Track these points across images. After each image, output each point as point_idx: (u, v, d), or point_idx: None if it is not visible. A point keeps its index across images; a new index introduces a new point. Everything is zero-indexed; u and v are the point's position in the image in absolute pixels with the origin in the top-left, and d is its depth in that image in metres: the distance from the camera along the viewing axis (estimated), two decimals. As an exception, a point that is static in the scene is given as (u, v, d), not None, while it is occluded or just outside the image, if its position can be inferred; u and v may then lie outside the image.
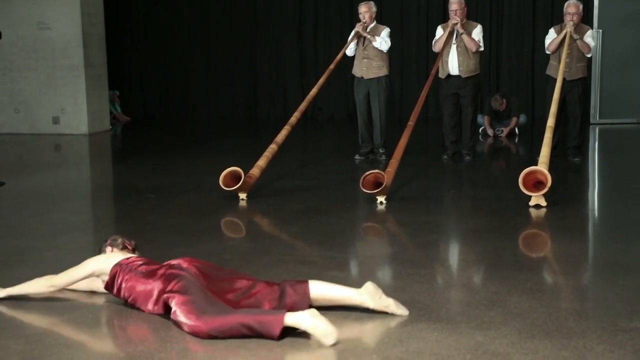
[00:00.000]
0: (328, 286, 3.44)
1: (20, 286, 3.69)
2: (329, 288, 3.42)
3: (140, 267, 3.51)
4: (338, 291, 3.41)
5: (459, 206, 6.28)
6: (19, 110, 11.20)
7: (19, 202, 6.47)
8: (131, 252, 3.80)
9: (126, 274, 3.48)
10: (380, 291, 3.41)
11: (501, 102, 10.35)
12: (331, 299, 3.38)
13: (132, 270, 3.49)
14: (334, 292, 3.40)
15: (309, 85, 11.95)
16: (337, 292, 3.41)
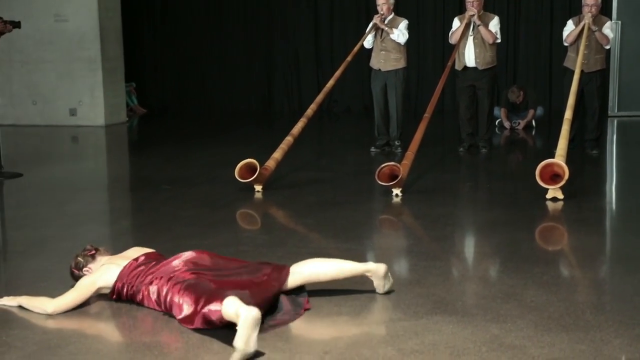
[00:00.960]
0: (319, 263, 3.49)
1: (29, 299, 3.52)
2: (320, 265, 3.48)
3: (144, 283, 3.40)
4: (334, 265, 3.50)
5: (475, 199, 6.25)
6: (36, 102, 11.27)
7: (36, 193, 6.52)
8: (96, 254, 3.65)
9: (136, 295, 3.42)
10: (389, 280, 3.54)
11: (518, 94, 10.28)
12: (327, 273, 3.46)
13: (139, 290, 3.41)
14: (328, 267, 3.47)
15: (324, 77, 11.94)
16: (334, 265, 3.49)
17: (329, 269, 3.48)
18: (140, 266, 3.46)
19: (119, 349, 3.02)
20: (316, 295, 3.57)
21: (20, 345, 3.05)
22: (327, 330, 3.15)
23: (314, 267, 3.47)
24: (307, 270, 3.44)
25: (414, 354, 2.90)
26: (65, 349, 2.99)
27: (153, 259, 3.53)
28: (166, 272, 3.35)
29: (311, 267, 3.47)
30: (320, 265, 3.49)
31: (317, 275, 3.46)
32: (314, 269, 3.46)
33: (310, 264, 3.49)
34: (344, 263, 3.53)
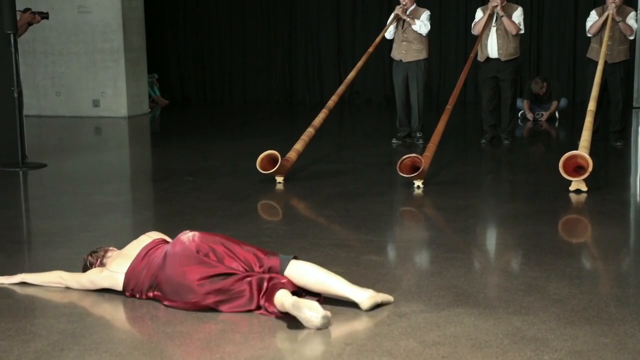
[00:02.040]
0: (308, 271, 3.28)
1: (34, 275, 3.68)
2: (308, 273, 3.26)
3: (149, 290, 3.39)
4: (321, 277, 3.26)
5: (497, 191, 6.22)
6: (60, 93, 11.37)
7: (60, 183, 6.58)
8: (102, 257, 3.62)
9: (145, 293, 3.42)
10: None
11: (541, 85, 10.19)
12: (313, 287, 3.24)
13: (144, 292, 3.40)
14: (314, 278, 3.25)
15: (346, 68, 11.92)
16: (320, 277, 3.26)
17: (316, 283, 3.23)
18: (142, 270, 3.41)
19: (142, 339, 3.04)
20: (337, 287, 3.56)
21: (44, 334, 3.08)
22: (348, 322, 3.15)
23: (304, 277, 3.25)
24: (298, 279, 3.25)
25: (435, 346, 2.89)
26: (89, 338, 3.02)
27: (150, 255, 3.46)
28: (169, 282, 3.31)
29: (302, 277, 3.25)
30: (310, 277, 3.24)
31: (305, 286, 3.25)
32: (304, 279, 3.25)
33: (302, 274, 3.25)
34: (334, 282, 3.25)
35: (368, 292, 3.26)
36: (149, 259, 3.42)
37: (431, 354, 2.82)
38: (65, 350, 2.92)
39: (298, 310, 3.02)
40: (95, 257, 3.61)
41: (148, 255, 3.44)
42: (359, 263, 3.98)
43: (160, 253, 3.42)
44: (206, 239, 3.37)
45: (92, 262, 3.61)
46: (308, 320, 3.02)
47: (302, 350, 2.87)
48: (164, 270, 3.31)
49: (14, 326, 3.13)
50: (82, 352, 2.91)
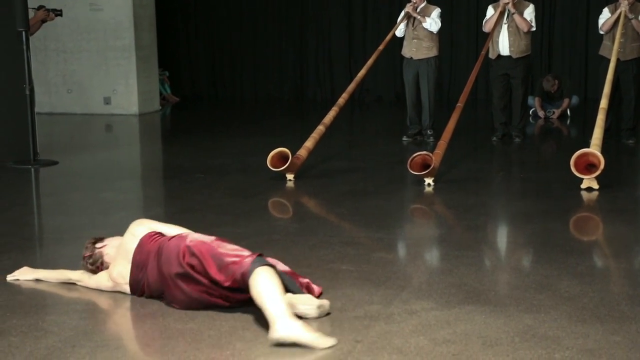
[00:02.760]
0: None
1: (46, 272, 3.71)
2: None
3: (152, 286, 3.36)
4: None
5: (508, 189, 6.20)
6: (71, 90, 11.41)
7: (71, 180, 6.61)
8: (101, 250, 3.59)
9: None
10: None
11: (553, 83, 10.15)
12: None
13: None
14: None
15: (356, 66, 11.90)
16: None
17: (254, 293, 3.02)
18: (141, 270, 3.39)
19: (153, 335, 3.05)
20: (347, 285, 3.57)
21: (56, 331, 3.10)
22: (359, 319, 3.15)
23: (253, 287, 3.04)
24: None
25: (445, 343, 2.89)
26: (100, 335, 3.03)
27: (146, 259, 3.39)
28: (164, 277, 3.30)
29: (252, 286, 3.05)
30: (253, 290, 3.02)
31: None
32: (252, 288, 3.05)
33: (254, 284, 3.03)
34: (266, 297, 2.95)
35: (280, 331, 2.85)
36: (145, 270, 3.36)
37: (442, 351, 2.81)
38: (76, 347, 2.93)
39: (293, 308, 3.05)
40: (93, 264, 3.55)
41: (141, 265, 3.38)
42: (369, 261, 3.98)
43: (153, 264, 3.33)
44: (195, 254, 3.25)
45: (92, 269, 3.57)
46: (305, 314, 3.10)
47: (313, 348, 2.86)
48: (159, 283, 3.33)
49: (26, 322, 3.15)
50: (94, 348, 2.93)
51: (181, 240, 3.32)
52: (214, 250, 3.22)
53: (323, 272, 3.75)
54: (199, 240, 3.29)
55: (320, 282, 3.57)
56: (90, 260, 3.57)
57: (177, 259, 3.23)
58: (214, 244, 3.26)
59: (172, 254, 3.26)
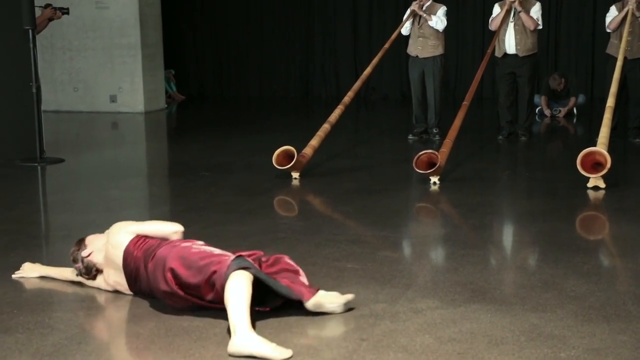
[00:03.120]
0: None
1: (50, 269, 3.71)
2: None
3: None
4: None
5: (514, 187, 6.19)
6: (77, 88, 11.43)
7: (77, 178, 6.62)
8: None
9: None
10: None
11: (559, 81, 10.12)
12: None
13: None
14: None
15: (362, 64, 11.89)
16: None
17: (224, 299, 2.95)
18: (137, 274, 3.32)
19: (159, 333, 3.05)
20: (353, 283, 3.57)
21: (62, 328, 3.11)
22: (364, 317, 3.15)
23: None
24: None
25: (451, 342, 2.88)
26: (106, 332, 3.04)
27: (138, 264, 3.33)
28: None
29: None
30: (225, 293, 2.96)
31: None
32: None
33: (226, 289, 2.96)
34: (231, 305, 2.88)
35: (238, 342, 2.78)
36: (138, 278, 3.30)
37: (447, 350, 2.81)
38: (82, 344, 2.94)
39: (320, 307, 3.11)
40: (89, 274, 3.48)
41: (134, 275, 3.32)
42: (374, 259, 3.98)
43: (144, 274, 3.26)
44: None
45: (90, 278, 3.51)
46: (333, 311, 3.15)
47: (318, 346, 2.87)
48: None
49: (33, 319, 3.16)
50: (99, 346, 2.93)
51: (168, 252, 3.19)
52: (185, 252, 3.15)
53: (328, 270, 3.75)
54: (172, 249, 3.20)
55: (326, 280, 3.57)
56: (85, 271, 3.48)
57: (163, 277, 3.15)
58: (187, 248, 3.17)
59: (158, 272, 3.17)
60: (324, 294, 3.17)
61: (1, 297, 3.43)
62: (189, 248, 3.22)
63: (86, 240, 3.54)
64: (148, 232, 3.41)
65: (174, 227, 3.44)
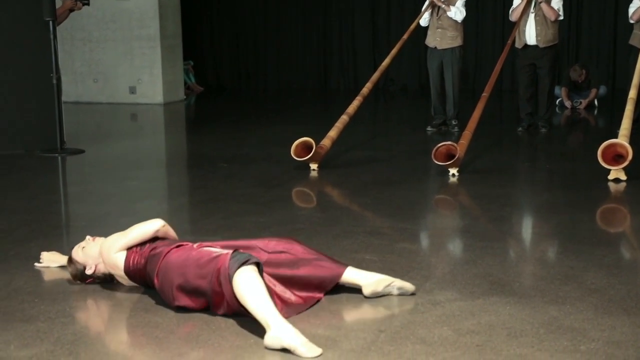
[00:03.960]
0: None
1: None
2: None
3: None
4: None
5: (534, 179, 6.15)
6: (97, 80, 11.50)
7: (97, 169, 6.66)
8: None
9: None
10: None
11: (580, 72, 10.03)
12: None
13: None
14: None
15: (380, 55, 11.86)
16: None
17: (240, 298, 2.90)
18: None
19: (178, 323, 3.07)
20: (371, 274, 3.56)
21: (83, 317, 3.13)
22: (382, 309, 3.15)
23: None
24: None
25: (469, 334, 2.88)
26: (126, 322, 3.06)
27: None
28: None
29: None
30: (237, 292, 2.90)
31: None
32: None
33: (237, 288, 2.90)
34: (256, 304, 2.84)
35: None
36: (150, 282, 3.26)
37: (465, 342, 2.80)
38: (102, 333, 2.97)
39: (377, 294, 3.23)
40: (104, 281, 3.43)
41: (143, 282, 3.31)
42: (392, 251, 3.97)
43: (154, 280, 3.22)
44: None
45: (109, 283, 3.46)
46: (390, 293, 3.27)
47: (336, 337, 2.87)
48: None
49: (54, 309, 3.19)
50: (120, 334, 2.96)
51: (169, 268, 3.13)
52: (184, 263, 3.09)
53: (346, 262, 3.74)
54: (172, 262, 3.13)
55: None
56: (98, 281, 3.44)
57: (172, 295, 3.10)
58: (185, 259, 3.10)
59: (166, 288, 3.13)
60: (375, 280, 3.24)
61: (22, 286, 3.46)
62: (186, 258, 3.10)
63: (73, 256, 3.43)
64: (134, 241, 3.31)
65: (155, 224, 3.32)
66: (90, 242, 3.44)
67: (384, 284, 3.26)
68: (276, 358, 2.71)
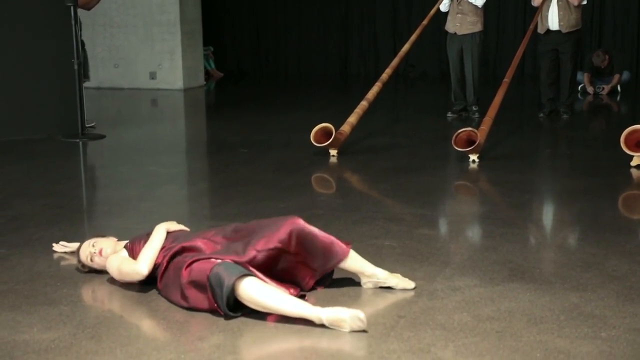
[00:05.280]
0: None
1: None
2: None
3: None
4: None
5: (555, 166, 6.10)
6: (118, 65, 11.55)
7: (118, 154, 6.71)
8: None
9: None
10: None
11: (603, 58, 9.92)
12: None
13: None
14: None
15: (401, 41, 11.80)
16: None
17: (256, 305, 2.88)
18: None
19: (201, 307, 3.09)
20: (390, 261, 3.57)
21: (105, 301, 3.17)
22: (402, 294, 3.15)
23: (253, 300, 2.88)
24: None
25: (489, 320, 2.87)
26: (147, 305, 3.08)
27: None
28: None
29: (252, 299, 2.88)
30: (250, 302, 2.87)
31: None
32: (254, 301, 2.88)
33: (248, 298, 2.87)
34: (283, 306, 2.84)
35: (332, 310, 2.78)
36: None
37: (485, 328, 2.80)
38: (124, 317, 3.00)
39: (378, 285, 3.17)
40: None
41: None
42: (412, 237, 3.97)
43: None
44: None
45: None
46: (394, 287, 3.20)
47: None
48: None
49: (76, 292, 3.23)
50: (142, 318, 2.99)
51: (171, 285, 3.07)
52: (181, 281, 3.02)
53: (366, 248, 3.75)
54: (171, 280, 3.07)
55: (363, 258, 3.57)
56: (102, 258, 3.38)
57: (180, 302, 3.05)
58: (181, 276, 3.02)
59: (173, 297, 3.07)
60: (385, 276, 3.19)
61: (45, 270, 3.50)
62: (181, 274, 3.03)
63: (80, 253, 3.41)
64: (125, 280, 3.24)
65: (138, 276, 3.18)
66: (97, 255, 3.34)
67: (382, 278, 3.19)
68: (294, 342, 2.72)
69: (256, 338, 2.77)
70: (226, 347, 2.68)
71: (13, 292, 3.22)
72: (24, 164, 6.04)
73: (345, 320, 2.76)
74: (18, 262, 3.61)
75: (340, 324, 2.76)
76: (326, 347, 2.67)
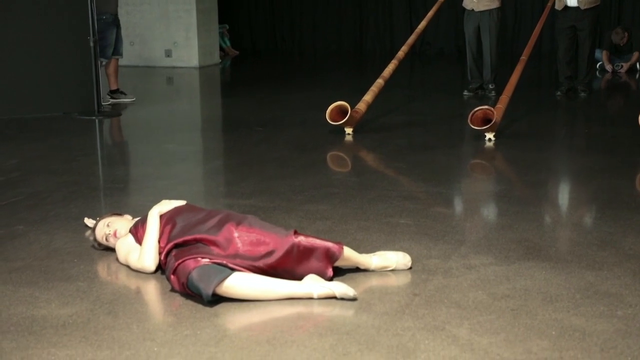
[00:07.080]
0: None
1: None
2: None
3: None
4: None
5: (572, 144, 6.06)
6: (133, 43, 11.55)
7: (134, 132, 6.73)
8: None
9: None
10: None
11: (622, 35, 9.80)
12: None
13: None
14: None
15: (417, 18, 11.70)
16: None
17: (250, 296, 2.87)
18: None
19: (214, 283, 3.10)
20: (405, 239, 3.57)
21: (122, 277, 3.19)
22: (417, 273, 3.15)
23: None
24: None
25: (505, 298, 2.87)
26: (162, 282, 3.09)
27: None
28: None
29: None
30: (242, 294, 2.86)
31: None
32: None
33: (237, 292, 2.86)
34: (276, 291, 2.87)
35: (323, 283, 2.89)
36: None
37: (500, 306, 2.80)
38: (140, 293, 3.02)
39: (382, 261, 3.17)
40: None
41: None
42: (427, 215, 3.96)
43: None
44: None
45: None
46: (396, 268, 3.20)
47: (370, 300, 2.88)
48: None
49: (93, 269, 3.25)
50: (157, 295, 3.01)
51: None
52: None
53: (381, 226, 3.76)
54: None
55: (378, 236, 3.58)
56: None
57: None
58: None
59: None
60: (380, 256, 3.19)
61: (62, 246, 3.53)
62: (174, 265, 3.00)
63: (96, 232, 3.43)
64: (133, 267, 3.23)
65: (145, 271, 3.17)
66: (112, 236, 3.36)
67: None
68: (307, 319, 2.73)
69: (271, 316, 2.78)
70: (241, 323, 2.70)
71: (30, 268, 3.25)
72: (40, 142, 6.08)
73: (334, 295, 2.84)
74: (35, 238, 3.64)
75: (334, 295, 2.84)
76: (341, 324, 2.68)
